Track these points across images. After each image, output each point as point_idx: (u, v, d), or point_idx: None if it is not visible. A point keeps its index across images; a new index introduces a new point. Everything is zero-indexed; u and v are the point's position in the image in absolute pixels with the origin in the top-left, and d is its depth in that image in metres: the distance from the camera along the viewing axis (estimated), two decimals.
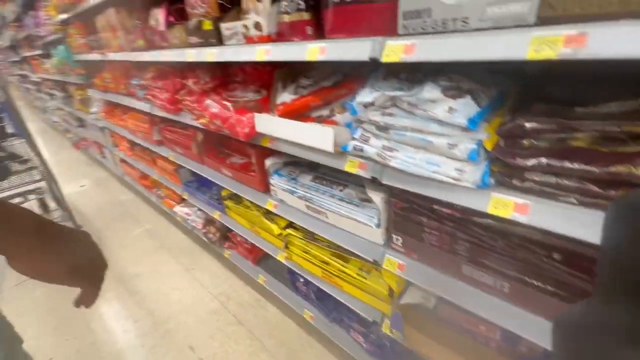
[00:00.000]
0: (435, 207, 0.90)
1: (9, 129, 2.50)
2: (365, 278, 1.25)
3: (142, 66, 2.23)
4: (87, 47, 2.74)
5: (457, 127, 0.75)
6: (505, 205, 0.72)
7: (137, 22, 1.82)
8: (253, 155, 1.48)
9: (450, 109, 0.74)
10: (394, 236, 1.07)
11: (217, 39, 1.30)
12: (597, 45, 0.50)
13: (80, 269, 0.50)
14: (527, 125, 0.67)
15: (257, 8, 1.11)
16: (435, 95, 0.76)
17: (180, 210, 2.63)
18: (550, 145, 0.66)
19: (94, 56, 2.62)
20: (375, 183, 1.03)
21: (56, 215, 2.92)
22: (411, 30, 0.73)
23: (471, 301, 0.91)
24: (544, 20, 0.56)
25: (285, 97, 1.24)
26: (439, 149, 0.79)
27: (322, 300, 1.63)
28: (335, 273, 1.37)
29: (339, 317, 1.56)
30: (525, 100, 0.76)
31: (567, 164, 0.62)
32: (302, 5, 0.93)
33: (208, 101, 1.51)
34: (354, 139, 0.96)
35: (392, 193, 1.02)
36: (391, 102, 0.86)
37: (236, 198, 1.91)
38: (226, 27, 1.25)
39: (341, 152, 1.01)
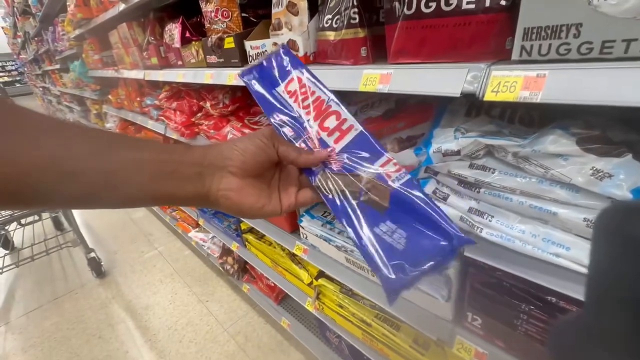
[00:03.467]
0: (548, 297, 0.64)
1: None
2: (422, 354, 1.00)
3: (157, 84, 2.07)
4: (101, 63, 2.61)
5: (603, 197, 0.50)
6: None
7: (151, 38, 1.64)
8: None
9: (597, 172, 0.49)
10: (470, 314, 0.81)
11: (241, 59, 1.09)
12: None
13: None
14: None
15: (292, 23, 0.89)
16: (566, 149, 0.52)
17: (195, 235, 2.45)
18: None
19: (108, 72, 2.49)
20: None
21: (68, 237, 2.79)
22: (537, 55, 0.49)
23: None
24: None
25: None
26: (568, 224, 0.54)
27: (358, 357, 1.38)
28: (379, 338, 1.13)
29: None
30: None
31: None
32: (356, 19, 0.71)
33: (227, 128, 1.30)
34: None
35: (470, 261, 0.77)
36: (485, 151, 0.62)
37: (257, 232, 1.69)
38: (252, 45, 1.04)
39: None
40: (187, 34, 1.43)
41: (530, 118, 0.62)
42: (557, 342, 0.30)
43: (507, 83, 0.51)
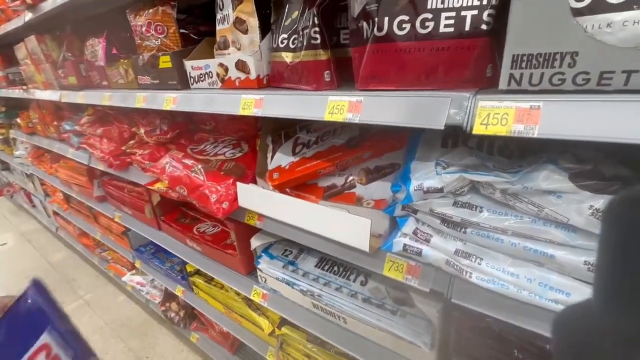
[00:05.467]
0: (539, 344, 0.59)
1: None
2: None
3: (79, 107, 1.77)
4: (6, 81, 2.20)
5: None
6: None
7: (67, 54, 1.39)
8: (232, 230, 1.09)
9: (597, 212, 0.44)
10: None
11: (180, 81, 0.94)
12: None
13: None
14: None
15: (241, 41, 0.78)
16: (559, 185, 0.47)
17: (131, 279, 2.10)
18: None
19: (15, 92, 2.09)
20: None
21: None
22: (528, 85, 0.44)
23: None
24: None
25: (281, 159, 0.90)
26: (567, 267, 0.49)
27: None
28: None
29: None
30: None
31: None
32: (318, 39, 0.62)
33: (166, 159, 1.11)
34: (403, 234, 0.64)
35: (454, 304, 0.70)
36: (470, 187, 0.56)
37: (206, 274, 1.47)
38: (193, 65, 0.90)
39: (379, 250, 0.68)
40: (114, 51, 1.22)
41: (509, 149, 0.58)
42: (563, 335, 0.29)
43: (497, 115, 0.45)
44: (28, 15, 1.37)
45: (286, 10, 0.69)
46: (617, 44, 0.37)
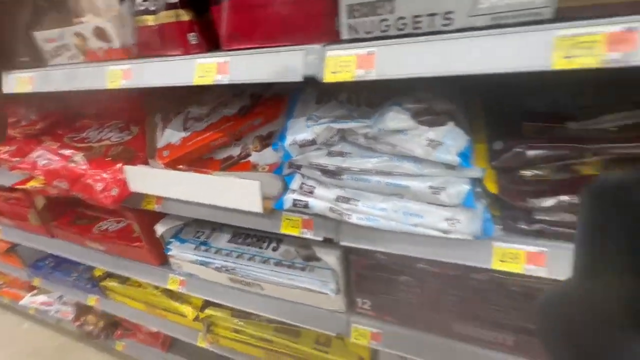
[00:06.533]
0: (419, 265, 0.68)
1: None
2: (326, 352, 0.97)
3: None
4: None
5: (440, 164, 0.54)
6: (514, 257, 0.55)
7: None
8: (133, 220, 1.02)
9: (431, 142, 0.52)
10: (359, 300, 0.82)
11: (32, 57, 0.81)
12: None
13: None
14: (529, 152, 0.51)
15: (95, 6, 0.69)
16: (404, 124, 0.54)
17: (32, 301, 1.82)
18: (559, 176, 0.51)
19: None
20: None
21: None
22: (364, 33, 0.48)
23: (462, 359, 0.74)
24: (563, 12, 0.39)
25: (171, 136, 0.85)
26: (419, 195, 0.57)
27: None
28: (283, 351, 1.05)
29: None
30: (495, 118, 0.61)
31: None
32: None
33: (39, 152, 0.97)
34: (291, 191, 0.67)
35: (350, 249, 0.77)
36: (340, 136, 0.60)
37: (119, 275, 1.36)
38: (45, 37, 0.77)
39: (274, 210, 0.70)
40: None
41: (373, 100, 0.64)
42: (547, 316, 0.29)
43: (342, 63, 0.49)
44: None
45: None
46: None
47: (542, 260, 0.54)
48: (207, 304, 1.15)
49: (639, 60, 0.36)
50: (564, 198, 0.49)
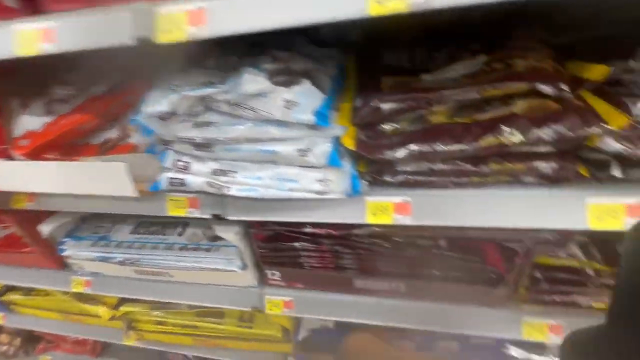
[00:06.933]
0: (307, 229, 0.69)
1: None
2: (250, 327, 0.98)
3: None
4: None
5: (302, 125, 0.53)
6: (384, 209, 0.57)
7: None
8: (12, 223, 0.90)
9: (288, 102, 0.51)
10: (269, 272, 0.82)
11: None
12: None
13: None
14: (384, 106, 0.52)
15: None
16: (261, 86, 0.52)
17: None
18: (414, 127, 0.53)
19: None
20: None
21: None
22: None
23: (369, 312, 0.79)
24: None
25: (31, 122, 0.74)
26: (290, 159, 0.56)
27: None
28: (211, 334, 1.04)
29: None
30: (368, 74, 0.62)
31: (440, 147, 0.50)
32: None
33: None
34: (166, 169, 0.63)
35: (247, 223, 0.76)
36: (203, 106, 0.57)
37: (20, 287, 1.22)
38: None
39: (152, 193, 0.65)
40: None
41: (238, 62, 0.61)
42: (574, 357, 0.29)
43: (173, 20, 0.44)
44: None
45: None
46: None
47: (408, 209, 0.57)
48: (123, 301, 1.08)
49: (439, 2, 0.37)
50: (414, 147, 0.52)
